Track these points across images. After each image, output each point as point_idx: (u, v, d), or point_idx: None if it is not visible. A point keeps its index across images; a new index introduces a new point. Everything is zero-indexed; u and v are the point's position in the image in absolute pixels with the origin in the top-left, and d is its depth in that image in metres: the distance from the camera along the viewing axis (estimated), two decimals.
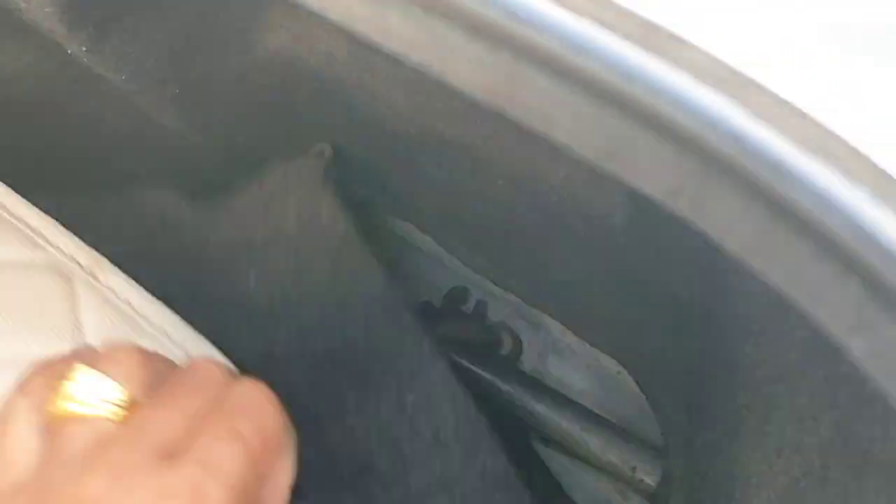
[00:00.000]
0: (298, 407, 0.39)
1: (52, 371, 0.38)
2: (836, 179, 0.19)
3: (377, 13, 0.23)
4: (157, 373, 0.39)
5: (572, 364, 0.79)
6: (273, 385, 0.38)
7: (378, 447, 0.52)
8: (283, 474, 0.39)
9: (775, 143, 0.19)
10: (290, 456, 0.39)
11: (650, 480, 0.69)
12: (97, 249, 0.50)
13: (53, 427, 0.37)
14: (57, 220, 0.51)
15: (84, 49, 0.62)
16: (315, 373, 0.58)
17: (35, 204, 0.54)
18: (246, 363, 0.46)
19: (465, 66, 0.21)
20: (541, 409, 0.72)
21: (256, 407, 0.38)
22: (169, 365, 0.41)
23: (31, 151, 0.71)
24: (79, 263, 0.46)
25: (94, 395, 0.36)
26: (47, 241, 0.46)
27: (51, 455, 0.36)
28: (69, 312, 0.43)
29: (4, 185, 0.50)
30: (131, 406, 0.37)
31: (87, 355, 0.39)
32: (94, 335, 0.43)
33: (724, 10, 0.26)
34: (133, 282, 0.46)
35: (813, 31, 0.26)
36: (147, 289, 0.48)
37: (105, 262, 0.46)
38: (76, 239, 0.46)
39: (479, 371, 0.74)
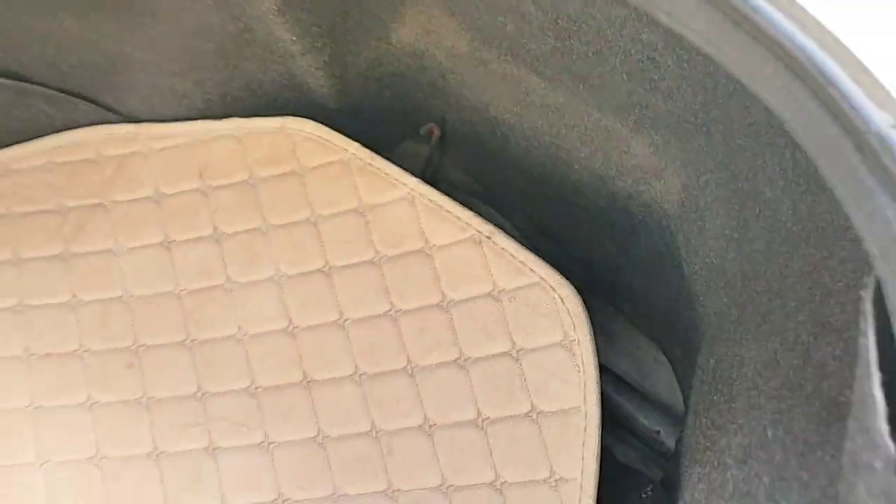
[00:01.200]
0: None
1: None
2: None
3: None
4: None
5: (616, 349, 0.95)
6: None
7: None
8: None
9: None
10: None
11: (670, 443, 0.81)
12: None
13: None
14: None
15: (275, 9, 0.75)
16: None
17: None
18: None
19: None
20: None
21: None
22: None
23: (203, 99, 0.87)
24: (482, 233, 0.69)
25: None
26: (465, 222, 0.70)
27: None
28: (485, 268, 0.68)
29: (426, 186, 0.73)
30: None
31: None
32: (501, 277, 0.67)
33: None
34: (513, 240, 0.69)
35: None
36: None
37: (496, 230, 0.70)
38: (477, 217, 0.70)
39: None
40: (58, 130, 0.81)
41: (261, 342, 0.73)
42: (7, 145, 0.83)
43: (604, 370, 0.88)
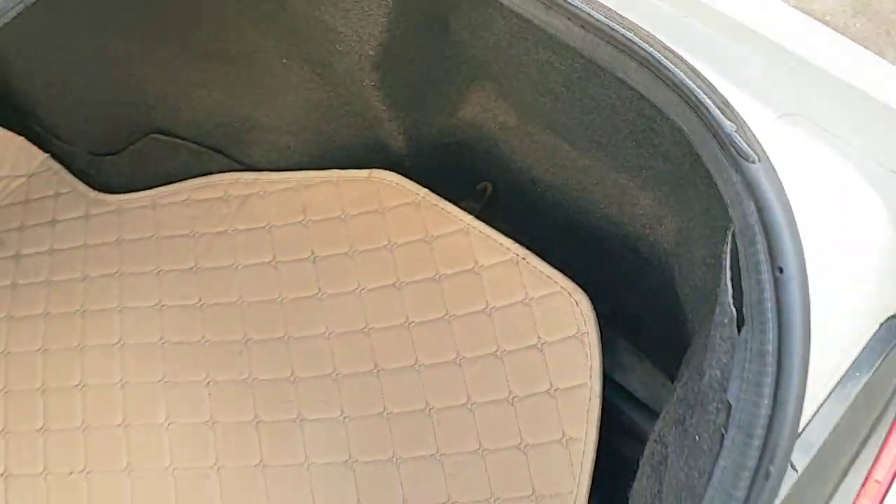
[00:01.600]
0: None
1: None
2: None
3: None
4: None
5: (633, 378, 1.13)
6: None
7: None
8: None
9: None
10: None
11: None
12: None
13: None
14: None
15: (372, 84, 0.97)
16: None
17: None
18: None
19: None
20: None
21: None
22: None
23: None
24: (518, 255, 0.89)
25: None
26: (507, 247, 0.89)
27: None
28: (520, 282, 0.88)
29: (478, 221, 0.93)
30: None
31: None
32: (531, 288, 0.86)
33: None
34: (540, 259, 0.88)
35: None
36: None
37: (529, 253, 0.88)
38: (515, 243, 0.90)
39: None
40: (196, 175, 1.06)
41: (342, 339, 0.93)
42: (157, 185, 1.07)
43: (622, 391, 1.07)
